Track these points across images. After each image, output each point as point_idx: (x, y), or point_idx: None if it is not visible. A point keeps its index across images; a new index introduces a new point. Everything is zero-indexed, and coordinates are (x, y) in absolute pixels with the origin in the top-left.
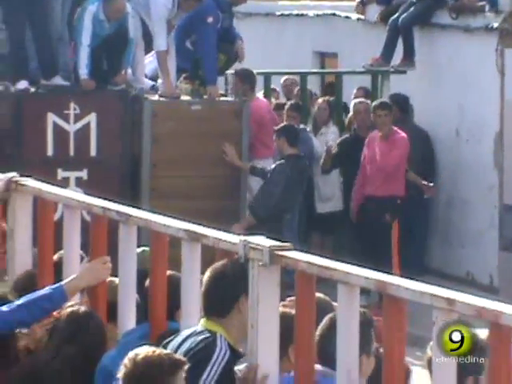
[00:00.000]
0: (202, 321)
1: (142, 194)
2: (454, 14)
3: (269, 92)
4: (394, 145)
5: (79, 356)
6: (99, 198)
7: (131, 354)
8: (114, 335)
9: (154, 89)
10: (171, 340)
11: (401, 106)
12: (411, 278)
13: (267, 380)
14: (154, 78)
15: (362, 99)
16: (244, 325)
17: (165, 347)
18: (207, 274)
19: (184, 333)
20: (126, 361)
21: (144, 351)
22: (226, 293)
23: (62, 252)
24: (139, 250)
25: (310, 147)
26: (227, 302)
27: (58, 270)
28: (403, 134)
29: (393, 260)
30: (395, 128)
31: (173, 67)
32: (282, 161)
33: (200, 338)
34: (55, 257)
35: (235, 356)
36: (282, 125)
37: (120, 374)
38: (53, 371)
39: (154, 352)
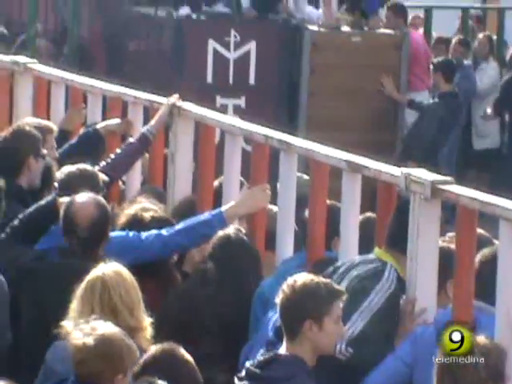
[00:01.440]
0: (377, 250)
1: (299, 123)
2: None
3: (430, 26)
4: None
5: (231, 281)
6: (259, 125)
7: (290, 281)
8: (273, 263)
9: (317, 20)
10: (342, 265)
11: None
12: None
13: (425, 313)
14: None
15: None
16: None
17: (334, 272)
18: (400, 206)
19: (355, 259)
20: (284, 287)
21: (302, 278)
22: None
23: (222, 178)
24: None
25: (473, 83)
26: None
27: (217, 196)
28: None
29: None
30: None
31: None
32: (436, 100)
33: (370, 266)
34: (215, 183)
35: (404, 289)
36: (439, 59)
37: (278, 300)
38: (207, 295)
39: (312, 280)
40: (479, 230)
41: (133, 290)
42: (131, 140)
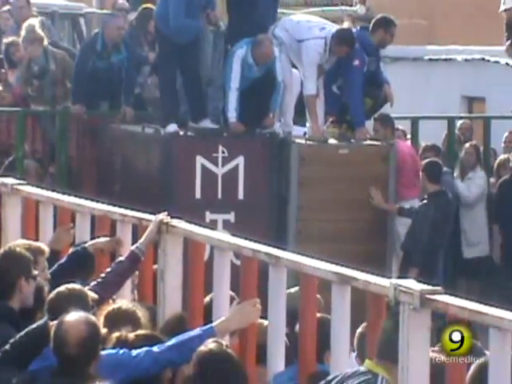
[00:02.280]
0: (367, 362)
1: (289, 237)
2: None
3: (416, 136)
4: None
5: None
6: (248, 240)
7: None
8: (264, 377)
9: (304, 135)
10: (334, 378)
11: None
12: None
13: None
14: None
15: None
16: None
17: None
18: (391, 318)
19: (346, 372)
20: None
21: None
22: None
23: (212, 294)
24: (292, 290)
25: (453, 191)
26: None
27: (208, 312)
28: None
29: None
30: None
31: (321, 111)
32: (425, 201)
33: (361, 378)
34: (207, 298)
35: None
36: (424, 161)
37: None
38: None
39: None
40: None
41: None
42: (121, 258)
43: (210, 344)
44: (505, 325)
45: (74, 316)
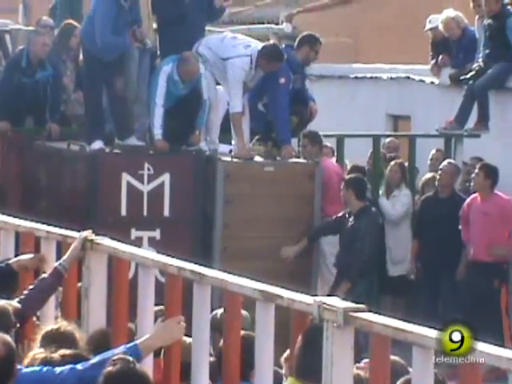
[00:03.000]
0: (290, 379)
1: (214, 254)
2: None
3: (342, 154)
4: (499, 210)
5: None
6: (173, 257)
7: None
8: None
9: (230, 152)
10: None
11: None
12: None
13: None
14: None
15: (451, 160)
16: None
17: None
18: (306, 334)
19: None
20: None
21: None
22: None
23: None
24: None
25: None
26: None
27: None
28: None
29: (504, 329)
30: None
31: (247, 128)
32: (353, 222)
33: None
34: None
35: None
36: (350, 176)
37: None
38: None
39: None
40: (394, 357)
41: None
42: (44, 275)
43: (117, 360)
44: (427, 342)
45: None
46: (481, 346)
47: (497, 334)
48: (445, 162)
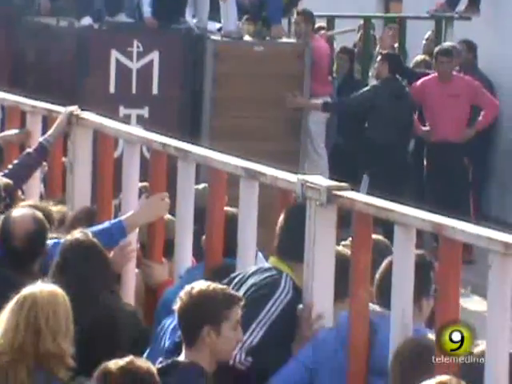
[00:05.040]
0: (272, 258)
1: (202, 133)
2: None
3: (331, 36)
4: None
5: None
6: (159, 134)
7: (187, 288)
8: (172, 271)
9: (219, 31)
10: (237, 275)
11: (474, 51)
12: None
13: (322, 319)
14: None
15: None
16: None
17: (231, 281)
18: (288, 213)
19: (251, 268)
20: (181, 294)
21: (199, 285)
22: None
23: None
24: (200, 186)
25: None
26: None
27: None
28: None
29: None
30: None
31: (235, 6)
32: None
33: (266, 274)
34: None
35: (300, 298)
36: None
37: (176, 307)
38: None
39: (208, 286)
40: (377, 236)
41: (63, 314)
42: (29, 150)
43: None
44: (409, 221)
45: (21, 211)
46: (458, 224)
47: (466, 212)
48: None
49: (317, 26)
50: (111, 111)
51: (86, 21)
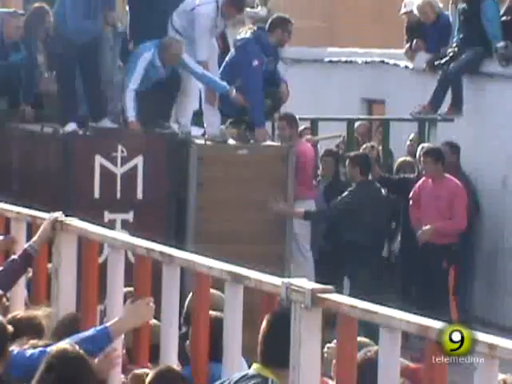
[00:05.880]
0: (255, 365)
1: (188, 238)
2: (503, 62)
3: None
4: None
5: None
6: (144, 239)
7: None
8: None
9: (203, 135)
10: (223, 382)
11: (457, 152)
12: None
13: None
14: None
15: (426, 144)
16: None
17: None
18: (271, 319)
19: (234, 376)
20: None
21: None
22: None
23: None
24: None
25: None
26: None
27: None
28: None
29: (450, 306)
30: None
31: (215, 73)
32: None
33: (251, 382)
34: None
35: None
36: (355, 154)
37: None
38: None
39: None
40: (362, 339)
41: None
42: (14, 257)
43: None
44: (394, 324)
45: None
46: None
47: (445, 312)
48: (420, 147)
49: (301, 128)
50: (96, 216)
51: (71, 127)
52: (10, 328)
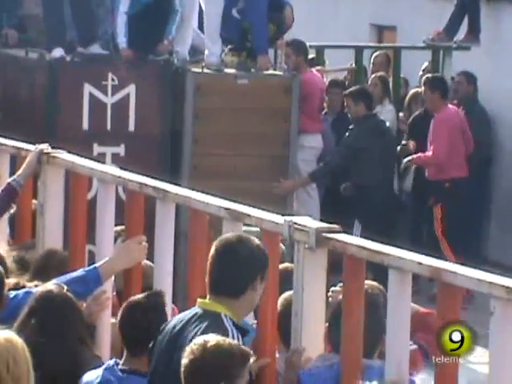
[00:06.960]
0: (200, 301)
1: (183, 173)
2: None
3: (322, 65)
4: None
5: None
6: (135, 173)
7: (199, 341)
8: None
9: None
10: (166, 325)
11: (474, 83)
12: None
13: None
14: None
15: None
16: (252, 303)
17: (160, 332)
18: (218, 248)
19: (180, 317)
20: (192, 347)
21: (214, 339)
22: (243, 273)
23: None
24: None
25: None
26: (243, 283)
27: None
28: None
29: (441, 245)
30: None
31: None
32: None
33: (206, 323)
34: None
35: (241, 333)
36: (356, 88)
37: (184, 361)
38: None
39: (224, 341)
40: (370, 282)
41: (23, 360)
42: None
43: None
44: (405, 265)
45: None
46: (458, 269)
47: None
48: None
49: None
50: (84, 149)
51: (58, 52)
52: (2, 270)
